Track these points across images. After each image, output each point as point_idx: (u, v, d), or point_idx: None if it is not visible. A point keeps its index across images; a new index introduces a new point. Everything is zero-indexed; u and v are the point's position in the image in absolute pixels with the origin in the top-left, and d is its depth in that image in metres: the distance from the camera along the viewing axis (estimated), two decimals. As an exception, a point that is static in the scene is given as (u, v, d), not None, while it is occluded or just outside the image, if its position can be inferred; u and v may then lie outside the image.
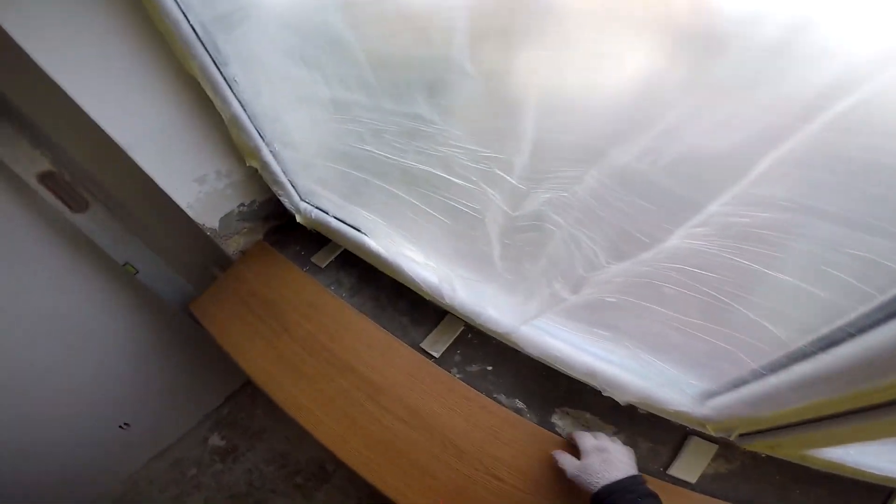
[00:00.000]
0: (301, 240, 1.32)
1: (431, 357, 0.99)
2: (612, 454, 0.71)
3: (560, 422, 0.87)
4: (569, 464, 0.74)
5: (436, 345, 1.00)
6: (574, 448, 0.77)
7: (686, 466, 0.77)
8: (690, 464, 0.77)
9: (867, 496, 0.70)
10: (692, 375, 0.72)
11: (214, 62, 0.89)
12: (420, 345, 1.01)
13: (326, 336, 1.07)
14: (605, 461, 0.69)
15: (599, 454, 0.71)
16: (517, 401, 0.91)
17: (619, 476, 0.66)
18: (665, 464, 0.79)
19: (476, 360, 0.98)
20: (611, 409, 0.85)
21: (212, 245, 1.28)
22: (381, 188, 0.82)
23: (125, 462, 1.81)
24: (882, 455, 0.66)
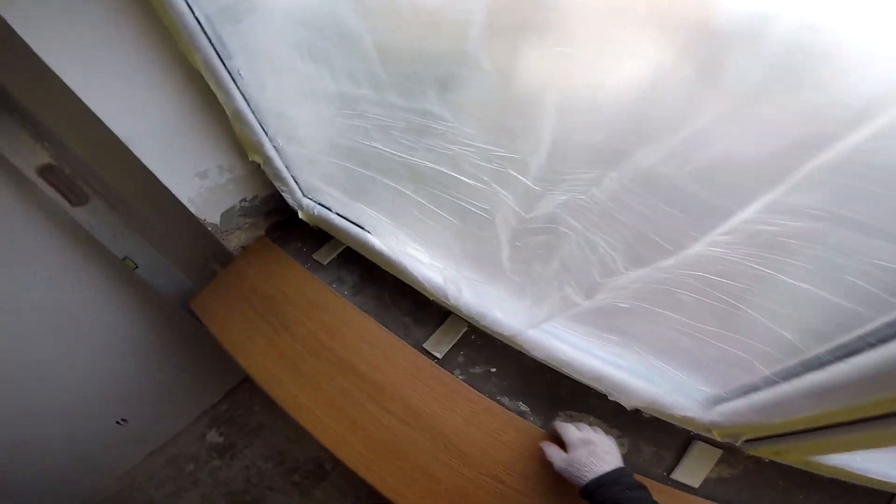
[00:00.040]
0: (303, 236, 1.31)
1: (434, 358, 0.98)
2: (599, 446, 0.71)
3: (564, 425, 0.86)
4: (556, 457, 0.74)
5: (439, 345, 0.99)
6: (559, 439, 0.77)
7: (689, 471, 0.77)
8: (694, 468, 0.77)
9: (868, 501, 0.70)
10: (702, 381, 0.71)
11: (219, 55, 0.88)
12: (423, 345, 1.00)
13: (327, 334, 1.05)
14: (592, 454, 0.69)
15: (586, 447, 0.71)
16: (521, 403, 0.90)
17: (607, 469, 0.67)
18: (668, 468, 0.78)
19: (479, 362, 0.97)
20: (614, 413, 0.84)
21: (212, 240, 1.27)
22: (387, 186, 0.80)
23: (122, 458, 1.80)
24: (887, 461, 0.66)
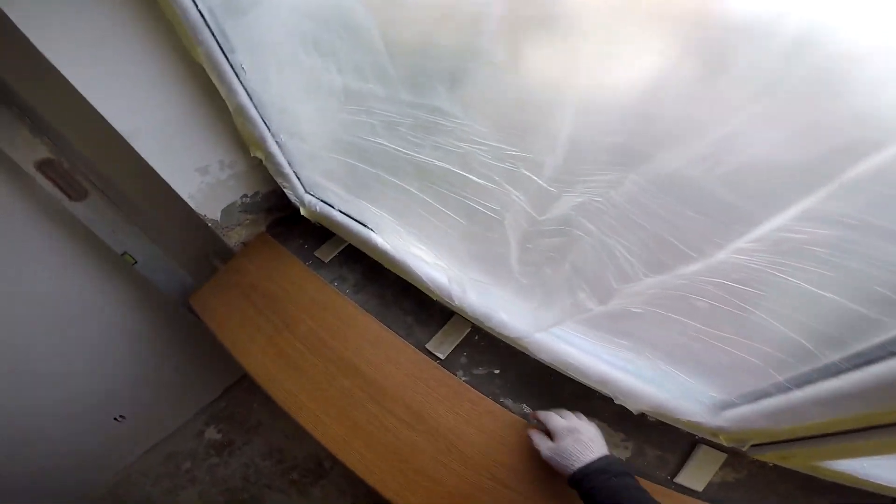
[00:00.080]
0: (304, 233, 1.29)
1: (437, 359, 0.97)
2: (584, 434, 0.71)
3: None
4: (543, 445, 0.74)
5: (441, 346, 0.98)
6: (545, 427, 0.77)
7: (693, 475, 0.76)
8: (698, 472, 0.76)
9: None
10: (711, 386, 0.70)
11: (222, 49, 0.86)
12: (425, 346, 0.99)
13: (329, 333, 1.04)
14: (578, 441, 0.70)
15: (571, 435, 0.71)
16: (524, 406, 0.89)
17: (593, 457, 0.67)
18: (672, 472, 0.78)
19: (483, 363, 0.95)
20: (619, 416, 0.83)
21: (213, 236, 1.26)
22: (392, 184, 0.79)
23: (119, 454, 1.79)
24: (892, 467, 0.65)
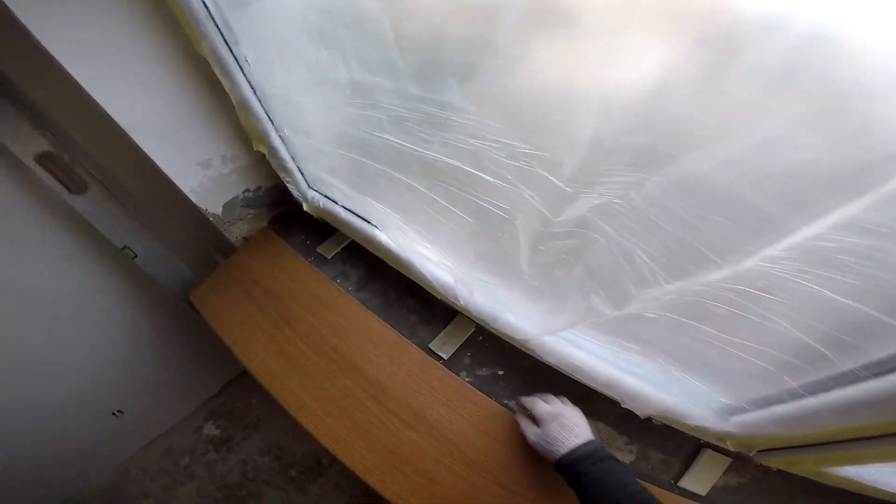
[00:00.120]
0: (307, 229, 1.28)
1: (440, 359, 0.95)
2: (569, 419, 0.72)
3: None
4: (530, 431, 0.75)
5: (445, 346, 0.96)
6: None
7: (697, 479, 0.76)
8: (702, 476, 0.76)
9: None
10: (722, 392, 0.68)
11: (226, 41, 0.84)
12: (428, 345, 0.97)
13: (330, 331, 1.03)
14: (563, 427, 0.70)
15: (556, 420, 0.72)
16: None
17: (578, 442, 0.67)
18: (676, 475, 0.77)
19: (487, 364, 0.94)
20: (623, 419, 0.82)
21: (214, 231, 1.24)
22: (398, 180, 0.77)
23: (117, 449, 1.78)
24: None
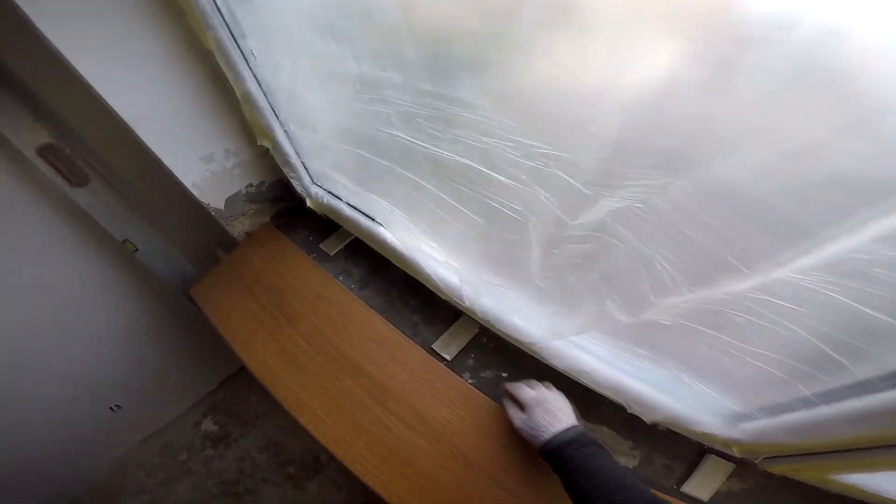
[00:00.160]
0: (310, 225, 1.26)
1: (443, 360, 0.94)
2: (552, 404, 0.73)
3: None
4: (516, 417, 0.76)
5: (448, 347, 0.95)
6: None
7: (700, 484, 0.75)
8: (705, 482, 0.75)
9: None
10: (733, 399, 0.67)
11: (232, 34, 0.83)
12: (431, 346, 0.96)
13: (332, 330, 1.01)
14: (547, 412, 0.71)
15: (540, 406, 0.73)
16: (533, 412, 0.86)
17: (562, 427, 0.68)
18: (679, 480, 0.76)
19: (490, 366, 0.93)
20: (627, 424, 0.81)
21: (216, 225, 1.23)
22: (406, 178, 0.75)
23: (114, 444, 1.77)
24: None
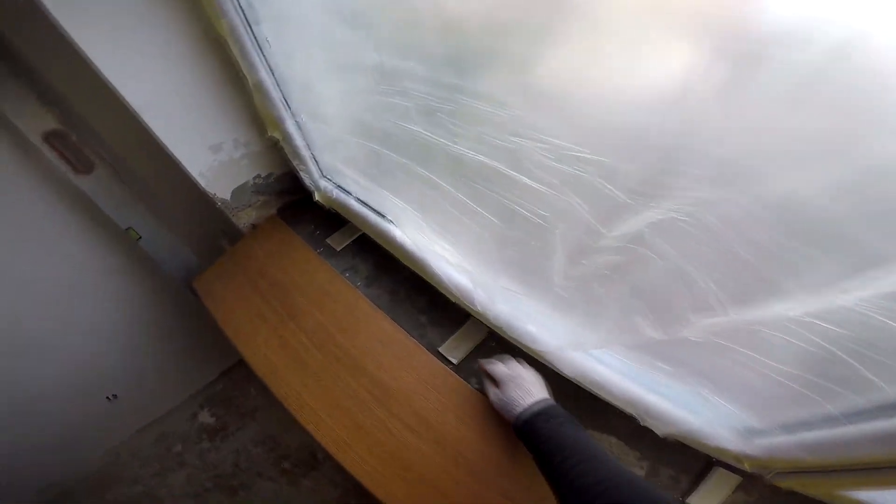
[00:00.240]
0: (317, 219, 1.24)
1: (449, 363, 0.91)
2: (525, 380, 0.74)
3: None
4: (492, 393, 0.77)
5: (455, 350, 0.93)
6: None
7: (706, 497, 0.73)
8: (711, 494, 0.73)
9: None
10: (753, 416, 0.64)
11: (247, 20, 0.80)
12: (438, 348, 0.93)
13: (337, 328, 0.99)
14: (519, 387, 0.72)
15: (513, 381, 0.74)
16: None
17: (532, 401, 0.69)
18: (684, 492, 0.74)
19: (498, 372, 0.90)
20: (635, 434, 0.79)
21: (221, 216, 1.20)
22: (421, 175, 0.72)
23: (110, 434, 1.74)
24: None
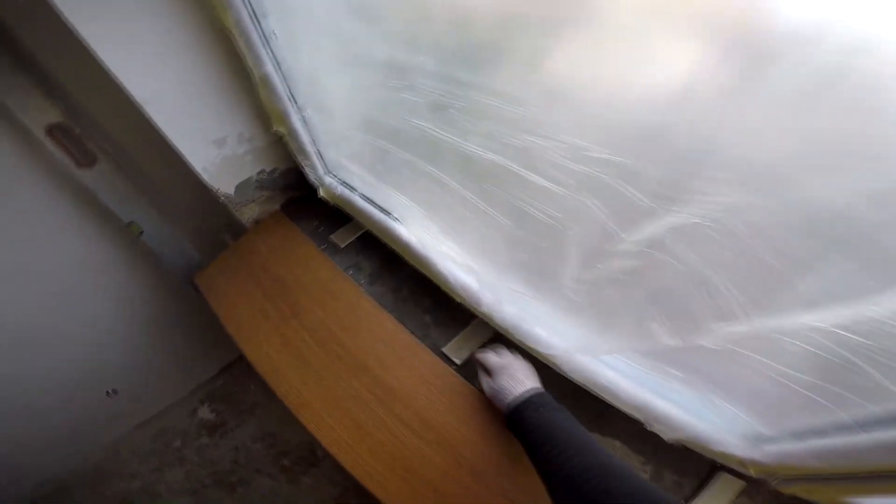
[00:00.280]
0: (321, 215, 1.23)
1: (453, 364, 0.90)
2: (516, 370, 0.74)
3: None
4: (485, 383, 0.78)
5: (459, 351, 0.91)
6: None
7: (709, 501, 0.72)
8: (714, 499, 0.72)
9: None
10: (763, 422, 0.62)
11: (254, 12, 0.79)
12: (442, 349, 0.92)
13: (339, 327, 0.98)
14: (511, 377, 0.73)
15: (505, 371, 0.74)
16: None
17: (522, 390, 0.69)
18: (687, 497, 0.74)
19: (502, 374, 0.89)
20: (640, 439, 0.77)
21: (224, 211, 1.19)
22: (429, 173, 0.71)
23: (108, 429, 1.73)
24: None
